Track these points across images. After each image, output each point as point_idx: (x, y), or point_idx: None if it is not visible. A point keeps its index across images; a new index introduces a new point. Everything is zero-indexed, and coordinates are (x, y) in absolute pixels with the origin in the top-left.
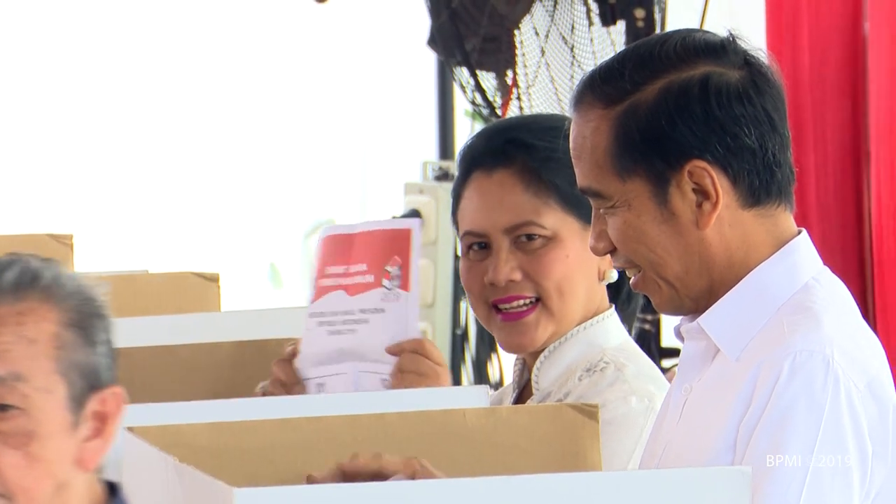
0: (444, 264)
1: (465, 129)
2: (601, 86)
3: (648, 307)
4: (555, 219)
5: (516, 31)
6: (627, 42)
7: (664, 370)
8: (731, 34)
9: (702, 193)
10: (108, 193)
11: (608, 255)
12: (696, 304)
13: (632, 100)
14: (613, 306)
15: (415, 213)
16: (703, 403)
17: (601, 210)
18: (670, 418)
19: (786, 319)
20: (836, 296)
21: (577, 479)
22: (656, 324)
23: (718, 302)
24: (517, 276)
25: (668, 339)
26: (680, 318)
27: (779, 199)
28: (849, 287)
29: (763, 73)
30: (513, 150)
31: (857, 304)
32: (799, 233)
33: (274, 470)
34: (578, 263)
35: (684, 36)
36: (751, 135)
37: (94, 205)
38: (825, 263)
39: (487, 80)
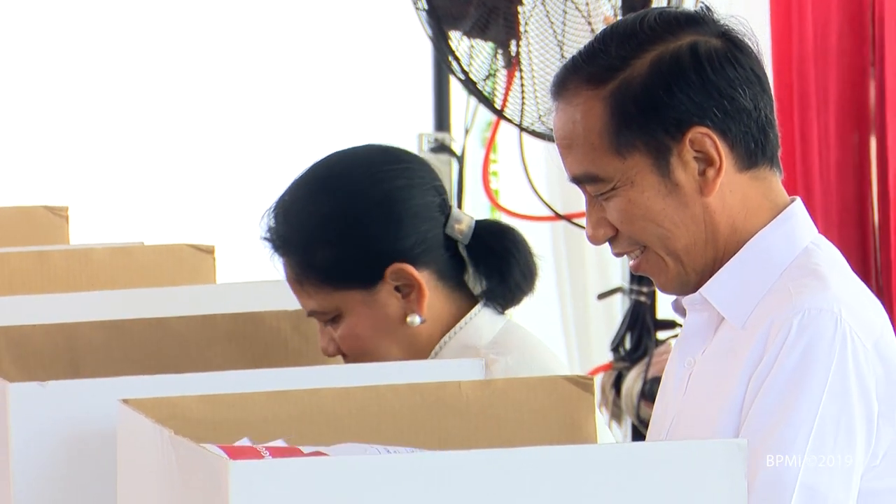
0: None
1: (462, 101)
2: (586, 67)
3: (643, 278)
4: (333, 300)
5: (519, 7)
6: (624, 13)
7: (659, 342)
8: (703, 5)
9: (704, 160)
10: (105, 165)
11: (407, 300)
12: (700, 279)
13: (623, 76)
14: (481, 302)
15: None
16: (710, 373)
17: (598, 195)
18: (675, 392)
19: (791, 282)
20: (835, 259)
21: (572, 451)
22: (651, 296)
23: (720, 270)
24: (336, 350)
25: (663, 311)
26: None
27: (770, 162)
28: (850, 262)
29: (740, 38)
30: (280, 246)
31: (859, 278)
32: (792, 200)
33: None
34: (373, 328)
35: (660, 11)
36: (745, 95)
37: (90, 176)
38: (827, 236)
39: (484, 50)
